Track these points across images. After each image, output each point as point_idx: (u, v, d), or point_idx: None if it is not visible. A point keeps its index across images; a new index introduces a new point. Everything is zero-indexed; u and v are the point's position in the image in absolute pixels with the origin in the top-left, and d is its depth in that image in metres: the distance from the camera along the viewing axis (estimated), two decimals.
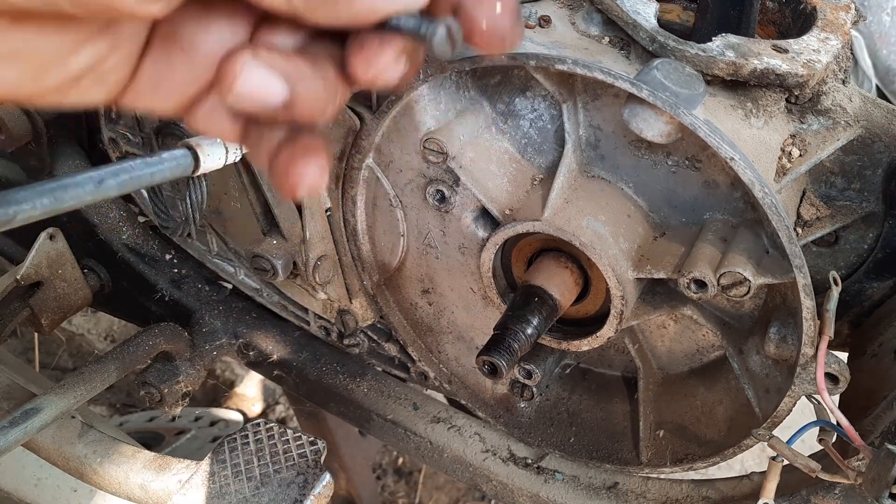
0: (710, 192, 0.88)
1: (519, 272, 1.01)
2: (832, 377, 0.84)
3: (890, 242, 0.96)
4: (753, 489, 1.03)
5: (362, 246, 1.09)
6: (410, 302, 1.15)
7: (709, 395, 1.03)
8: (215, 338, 1.32)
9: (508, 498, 1.16)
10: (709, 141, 0.77)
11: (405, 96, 0.94)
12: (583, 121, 0.90)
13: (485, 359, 0.89)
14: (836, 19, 0.95)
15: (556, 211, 0.90)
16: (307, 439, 0.86)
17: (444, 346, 1.17)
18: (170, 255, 1.39)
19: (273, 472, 0.84)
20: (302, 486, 0.82)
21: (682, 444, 1.03)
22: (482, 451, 1.18)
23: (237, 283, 1.29)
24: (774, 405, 0.90)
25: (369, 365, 1.30)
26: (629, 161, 0.91)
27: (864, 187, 0.95)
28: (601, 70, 0.79)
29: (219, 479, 0.84)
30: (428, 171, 1.00)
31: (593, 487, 1.12)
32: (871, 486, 0.76)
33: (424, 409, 1.25)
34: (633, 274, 0.89)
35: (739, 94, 0.89)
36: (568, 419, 1.13)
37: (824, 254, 1.01)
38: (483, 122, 0.95)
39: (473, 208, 1.00)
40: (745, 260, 0.83)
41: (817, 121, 0.92)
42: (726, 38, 0.88)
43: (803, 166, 0.91)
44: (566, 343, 0.99)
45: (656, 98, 0.77)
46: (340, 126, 0.99)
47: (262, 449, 0.87)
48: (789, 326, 0.88)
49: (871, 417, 0.87)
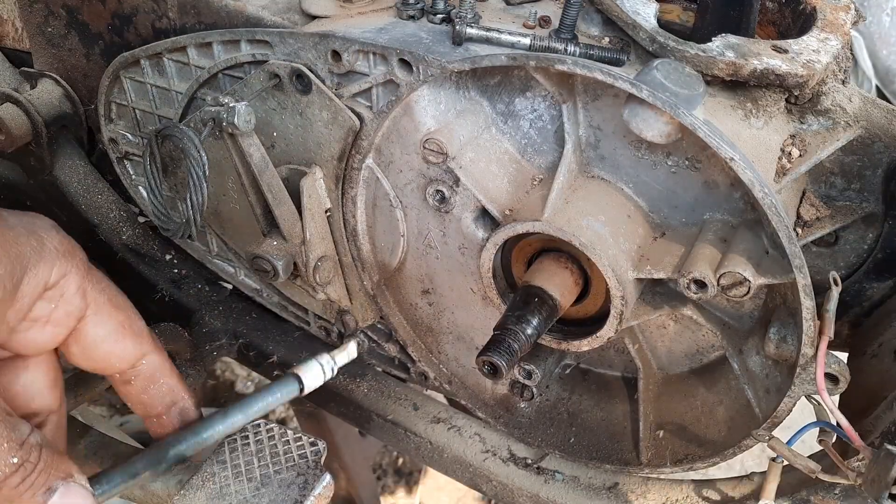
0: (710, 192, 0.88)
1: (519, 272, 1.01)
2: (832, 377, 0.84)
3: (890, 242, 0.96)
4: (754, 489, 1.03)
5: (362, 246, 1.09)
6: (410, 302, 1.15)
7: (709, 396, 1.03)
8: (215, 338, 1.32)
9: (508, 498, 1.16)
10: (709, 141, 0.77)
11: (405, 96, 0.94)
12: (583, 121, 0.90)
13: (485, 359, 0.89)
14: (835, 20, 0.95)
15: (556, 211, 0.90)
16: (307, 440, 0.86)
17: (444, 347, 1.17)
18: (170, 256, 1.39)
19: (273, 473, 0.84)
20: (302, 487, 0.81)
21: (682, 444, 1.03)
22: (482, 451, 1.18)
23: (237, 283, 1.29)
24: (774, 405, 0.90)
25: (369, 365, 1.30)
26: (629, 161, 0.91)
27: (864, 187, 0.95)
28: (601, 70, 0.79)
29: (219, 480, 0.84)
30: (428, 172, 1.00)
31: (593, 488, 1.11)
32: (871, 486, 0.76)
33: (424, 409, 1.25)
34: (633, 274, 0.89)
35: (739, 94, 0.89)
36: (568, 419, 1.13)
37: (824, 254, 1.01)
38: (483, 123, 0.95)
39: (473, 208, 1.00)
40: (745, 260, 0.83)
41: (817, 121, 0.92)
42: (726, 38, 0.88)
43: (803, 166, 0.91)
44: (566, 343, 0.99)
45: (656, 98, 0.77)
46: (340, 126, 0.99)
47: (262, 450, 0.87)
48: (789, 327, 0.88)
49: (871, 418, 0.87)
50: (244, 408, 0.90)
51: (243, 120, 0.94)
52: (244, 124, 0.94)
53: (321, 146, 1.02)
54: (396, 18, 1.00)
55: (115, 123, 1.22)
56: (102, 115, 1.21)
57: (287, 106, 1.01)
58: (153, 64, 1.12)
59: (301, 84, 0.98)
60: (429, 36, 0.95)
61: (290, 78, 0.98)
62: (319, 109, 0.99)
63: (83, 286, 0.84)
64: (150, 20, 1.13)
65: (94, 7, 1.17)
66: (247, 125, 0.94)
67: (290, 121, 1.02)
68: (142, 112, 1.17)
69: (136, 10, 1.13)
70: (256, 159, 0.98)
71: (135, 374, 0.89)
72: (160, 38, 1.12)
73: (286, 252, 1.04)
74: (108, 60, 1.16)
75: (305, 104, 1.00)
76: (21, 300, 0.79)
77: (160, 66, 1.11)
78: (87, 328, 0.85)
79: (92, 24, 1.19)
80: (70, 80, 1.27)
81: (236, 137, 0.96)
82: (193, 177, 0.93)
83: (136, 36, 1.15)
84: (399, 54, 0.91)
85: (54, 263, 0.81)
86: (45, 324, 0.83)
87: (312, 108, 1.00)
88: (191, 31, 1.10)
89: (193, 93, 1.09)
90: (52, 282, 0.81)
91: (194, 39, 1.06)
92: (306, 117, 1.01)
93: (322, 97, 0.98)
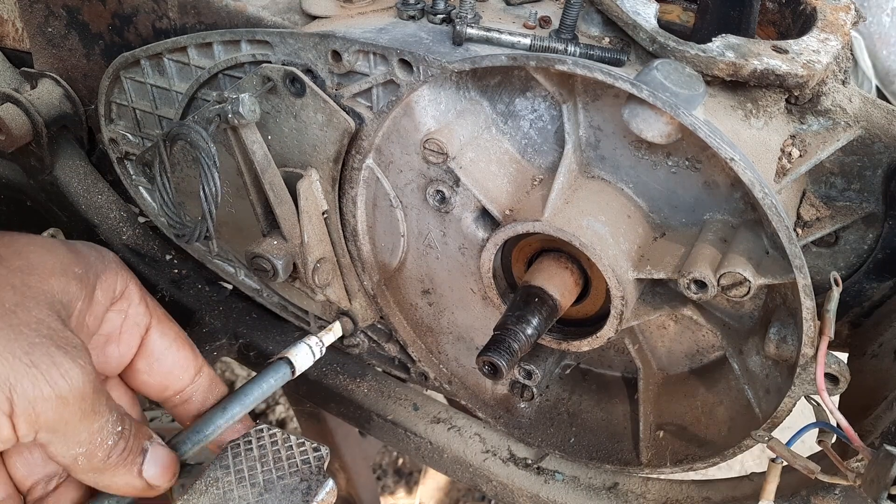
0: (711, 192, 0.88)
1: (519, 272, 1.01)
2: (832, 378, 0.84)
3: (890, 243, 0.96)
4: (753, 490, 1.03)
5: (362, 246, 1.09)
6: (410, 302, 1.15)
7: (709, 396, 1.03)
8: (215, 338, 1.32)
9: (508, 498, 1.16)
10: (709, 141, 0.77)
11: (406, 96, 0.94)
12: (583, 121, 0.90)
13: (485, 359, 0.89)
14: (835, 20, 0.95)
15: (556, 211, 0.90)
16: (310, 445, 0.86)
17: (444, 347, 1.17)
18: (170, 256, 1.39)
19: (276, 479, 0.84)
20: (305, 493, 0.81)
21: (682, 444, 1.03)
22: (482, 451, 1.18)
23: (237, 283, 1.29)
24: (774, 406, 0.90)
25: (369, 365, 1.30)
26: (629, 161, 0.91)
27: (864, 188, 0.95)
28: (601, 70, 0.79)
29: (222, 485, 0.84)
30: (428, 172, 1.00)
31: (593, 488, 1.12)
32: (870, 487, 0.76)
33: (424, 409, 1.25)
34: (634, 274, 0.89)
35: (739, 94, 0.89)
36: (568, 419, 1.13)
37: (824, 254, 1.01)
38: (483, 123, 0.95)
39: (473, 209, 1.00)
40: (745, 260, 0.83)
41: (817, 121, 0.92)
42: (726, 38, 0.88)
43: (803, 167, 0.91)
44: (566, 343, 0.99)
45: (656, 98, 0.77)
46: (335, 128, 0.99)
47: (265, 455, 0.87)
48: (789, 327, 0.88)
49: (871, 418, 0.87)
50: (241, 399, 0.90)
51: (248, 109, 0.94)
52: (249, 114, 0.94)
53: (316, 149, 1.02)
54: (397, 18, 1.00)
55: (116, 123, 1.22)
56: (102, 116, 1.21)
57: (281, 109, 1.01)
58: (153, 64, 1.12)
59: (295, 87, 0.98)
60: (429, 36, 0.95)
61: (284, 81, 0.98)
62: (314, 112, 0.99)
63: (144, 297, 0.88)
64: (151, 20, 1.13)
65: (94, 7, 1.17)
66: (252, 115, 0.94)
67: (285, 124, 1.02)
68: (142, 112, 1.17)
69: (137, 10, 1.13)
70: (259, 156, 0.98)
71: (194, 389, 0.92)
72: (160, 39, 1.12)
73: (286, 252, 1.04)
74: (108, 60, 1.16)
75: (300, 107, 1.00)
76: (96, 306, 0.82)
77: (160, 67, 1.11)
78: (153, 339, 0.88)
79: (92, 24, 1.19)
80: (70, 80, 1.27)
81: (240, 133, 0.96)
82: (204, 167, 0.94)
83: (137, 36, 1.16)
84: (399, 54, 0.91)
85: (118, 273, 0.85)
86: (119, 337, 0.86)
87: (307, 110, 0.99)
88: (191, 31, 1.10)
89: (194, 93, 1.09)
90: (118, 291, 0.85)
91: (195, 39, 1.06)
92: (301, 120, 1.01)
93: (316, 100, 0.98)
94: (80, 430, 0.75)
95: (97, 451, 0.77)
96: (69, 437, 0.74)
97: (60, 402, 0.72)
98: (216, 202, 0.95)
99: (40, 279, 0.77)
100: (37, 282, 0.76)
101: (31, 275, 0.77)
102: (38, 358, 0.71)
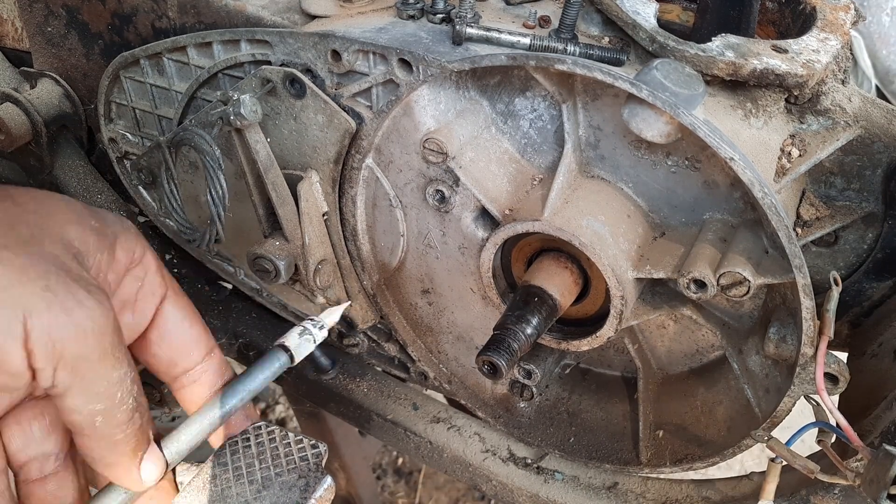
0: (710, 192, 0.88)
1: (519, 272, 1.01)
2: (832, 377, 0.84)
3: (889, 242, 0.96)
4: (753, 489, 1.03)
5: (362, 246, 1.09)
6: (410, 302, 1.15)
7: (708, 395, 1.03)
8: (215, 338, 1.32)
9: (508, 498, 1.16)
10: (708, 141, 0.77)
11: (405, 96, 0.94)
12: (582, 121, 0.90)
13: (485, 359, 0.89)
14: (835, 20, 0.95)
15: (555, 211, 0.90)
16: (308, 442, 0.86)
17: (443, 346, 1.17)
18: (169, 256, 1.39)
19: (275, 476, 0.83)
20: (303, 490, 0.81)
21: (681, 444, 1.03)
22: (482, 451, 1.18)
23: (237, 283, 1.29)
24: (774, 405, 0.90)
25: (369, 365, 1.30)
26: (629, 161, 0.91)
27: (864, 187, 0.95)
28: (601, 70, 0.79)
29: (220, 482, 0.84)
30: (428, 171, 1.00)
31: (593, 487, 1.12)
32: (870, 486, 0.76)
33: (424, 409, 1.25)
34: (633, 274, 0.90)
35: (739, 94, 0.89)
36: (568, 419, 1.13)
37: (824, 254, 1.01)
38: (483, 123, 0.95)
39: (473, 208, 1.00)
40: (744, 260, 0.83)
41: (817, 121, 0.92)
42: (726, 38, 0.88)
43: (803, 166, 0.91)
44: (566, 343, 0.99)
45: (656, 98, 0.77)
46: (336, 129, 0.99)
47: (263, 452, 0.86)
48: (789, 326, 0.88)
49: (871, 418, 0.87)
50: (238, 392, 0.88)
51: (250, 110, 0.94)
52: (251, 114, 0.94)
53: (317, 150, 1.02)
54: (396, 18, 1.00)
55: (115, 123, 1.22)
56: (102, 115, 1.21)
57: (280, 111, 1.01)
58: (153, 64, 1.12)
59: (295, 88, 0.98)
60: (429, 36, 0.95)
61: (284, 83, 0.98)
62: (314, 113, 0.99)
63: (160, 268, 0.84)
64: (150, 20, 1.13)
65: (93, 7, 1.17)
66: (254, 115, 0.94)
67: (285, 126, 1.02)
68: (141, 112, 1.17)
69: (136, 9, 1.13)
70: (262, 156, 0.98)
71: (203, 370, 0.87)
72: (160, 38, 1.12)
73: (288, 252, 1.04)
74: (107, 60, 1.16)
75: (300, 108, 1.00)
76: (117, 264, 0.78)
77: (160, 66, 1.11)
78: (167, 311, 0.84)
79: (92, 24, 1.19)
80: (70, 80, 1.27)
81: (243, 133, 0.96)
82: (210, 170, 0.94)
83: (136, 35, 1.16)
84: (399, 54, 0.91)
85: (137, 238, 0.82)
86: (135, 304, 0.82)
87: (307, 112, 0.99)
88: (191, 30, 1.10)
89: (193, 93, 1.09)
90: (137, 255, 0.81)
91: (194, 39, 1.06)
92: (301, 122, 1.01)
93: (317, 101, 0.98)
94: (101, 377, 0.69)
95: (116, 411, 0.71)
96: (88, 385, 0.69)
97: (80, 333, 0.66)
98: (224, 205, 0.95)
99: (57, 224, 0.73)
100: (54, 225, 0.73)
101: (48, 218, 0.73)
102: (54, 285, 0.66)
